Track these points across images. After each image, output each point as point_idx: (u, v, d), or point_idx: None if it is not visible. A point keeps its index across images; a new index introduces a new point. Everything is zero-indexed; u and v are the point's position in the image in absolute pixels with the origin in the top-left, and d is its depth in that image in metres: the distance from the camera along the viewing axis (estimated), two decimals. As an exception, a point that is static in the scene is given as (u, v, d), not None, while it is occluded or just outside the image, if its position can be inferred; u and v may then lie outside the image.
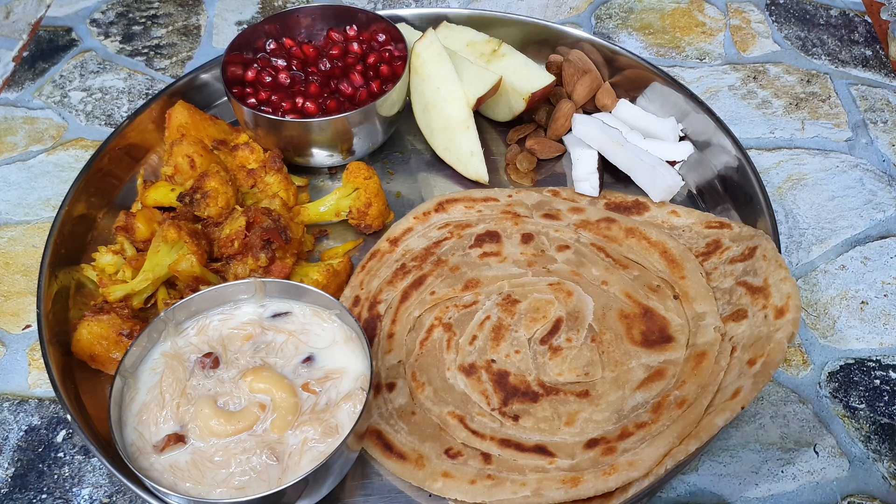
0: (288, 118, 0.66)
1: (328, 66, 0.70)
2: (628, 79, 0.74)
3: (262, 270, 0.58)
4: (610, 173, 0.68)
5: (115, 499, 0.53)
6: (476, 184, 0.69)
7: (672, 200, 0.65)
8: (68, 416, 0.52)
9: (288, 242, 0.60)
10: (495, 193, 0.67)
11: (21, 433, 0.56)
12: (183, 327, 0.54)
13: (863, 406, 0.56)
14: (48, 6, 0.92)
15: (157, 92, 0.76)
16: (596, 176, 0.66)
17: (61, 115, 0.80)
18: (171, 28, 0.88)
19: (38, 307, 0.58)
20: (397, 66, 0.70)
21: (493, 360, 0.55)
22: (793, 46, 0.83)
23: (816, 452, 0.53)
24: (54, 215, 0.63)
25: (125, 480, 0.48)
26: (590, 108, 0.73)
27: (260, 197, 0.65)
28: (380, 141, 0.71)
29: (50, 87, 0.82)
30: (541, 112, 0.72)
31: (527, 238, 0.62)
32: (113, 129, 0.72)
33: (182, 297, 0.54)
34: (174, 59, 0.85)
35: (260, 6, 0.91)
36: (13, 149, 0.76)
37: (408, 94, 0.71)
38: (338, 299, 0.54)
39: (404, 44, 0.70)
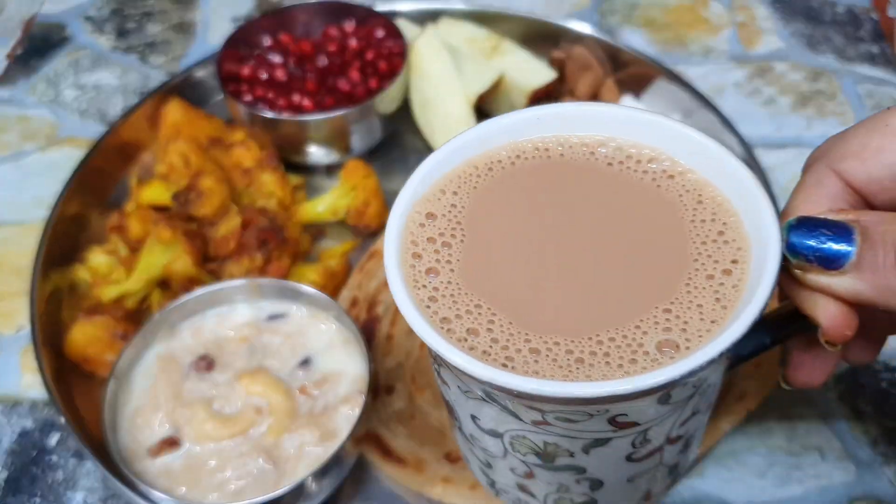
0: (284, 116, 0.65)
1: (325, 62, 0.69)
2: (632, 75, 0.73)
3: (258, 271, 0.57)
4: (612, 172, 0.67)
5: (108, 503, 0.52)
6: (476, 182, 0.68)
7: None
8: (62, 420, 0.51)
9: (284, 242, 0.59)
10: (496, 192, 0.66)
11: (14, 437, 0.56)
12: (177, 329, 0.53)
13: (870, 409, 0.55)
14: (42, 3, 0.91)
15: (151, 89, 0.75)
16: (598, 174, 0.65)
17: (55, 113, 0.79)
18: (165, 25, 0.87)
19: (31, 309, 0.57)
20: (396, 62, 0.69)
21: (493, 364, 0.54)
22: (799, 43, 0.82)
23: (823, 456, 0.53)
24: (47, 215, 0.62)
25: (119, 485, 0.47)
26: (592, 105, 0.72)
27: (256, 196, 0.64)
28: (378, 139, 0.70)
29: (43, 85, 0.81)
30: (542, 109, 0.71)
31: (528, 238, 0.61)
32: (107, 128, 0.71)
33: (177, 298, 0.54)
34: (169, 55, 0.84)
35: (255, 2, 0.90)
36: (6, 147, 0.76)
37: (407, 91, 0.70)
38: (335, 300, 0.53)
39: (403, 40, 0.69)
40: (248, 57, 0.70)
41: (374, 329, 0.57)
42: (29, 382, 0.59)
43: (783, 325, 0.34)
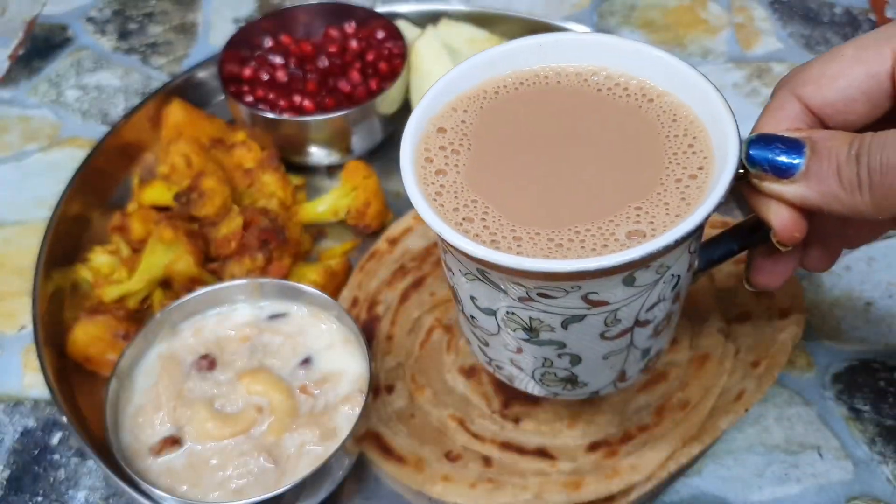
0: (285, 116, 0.65)
1: (326, 63, 0.69)
2: (630, 76, 0.73)
3: (259, 271, 0.58)
4: (611, 172, 0.68)
5: (111, 502, 0.52)
6: (476, 183, 0.68)
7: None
8: (64, 419, 0.51)
9: (285, 242, 0.59)
10: (495, 192, 0.67)
11: (16, 435, 0.56)
12: (179, 328, 0.53)
13: (867, 408, 0.55)
14: (44, 4, 0.91)
15: (153, 90, 0.75)
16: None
17: (57, 114, 0.79)
18: (167, 26, 0.88)
19: (33, 308, 0.57)
20: (396, 63, 0.69)
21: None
22: (797, 44, 0.83)
23: (821, 455, 0.53)
24: (49, 215, 0.63)
25: (121, 483, 0.47)
26: (591, 106, 0.73)
27: (257, 196, 0.65)
28: (379, 139, 0.70)
29: (45, 86, 0.82)
30: (542, 110, 0.71)
31: (527, 238, 0.62)
32: (109, 128, 0.71)
33: (178, 298, 0.54)
34: (170, 56, 0.84)
35: (257, 3, 0.90)
36: (8, 148, 0.76)
37: (407, 91, 0.70)
38: (336, 300, 0.54)
39: (403, 41, 0.70)
40: (249, 58, 0.70)
41: (374, 329, 0.58)
42: (31, 382, 0.59)
43: (748, 234, 0.39)
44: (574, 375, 0.41)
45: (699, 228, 0.33)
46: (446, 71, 0.70)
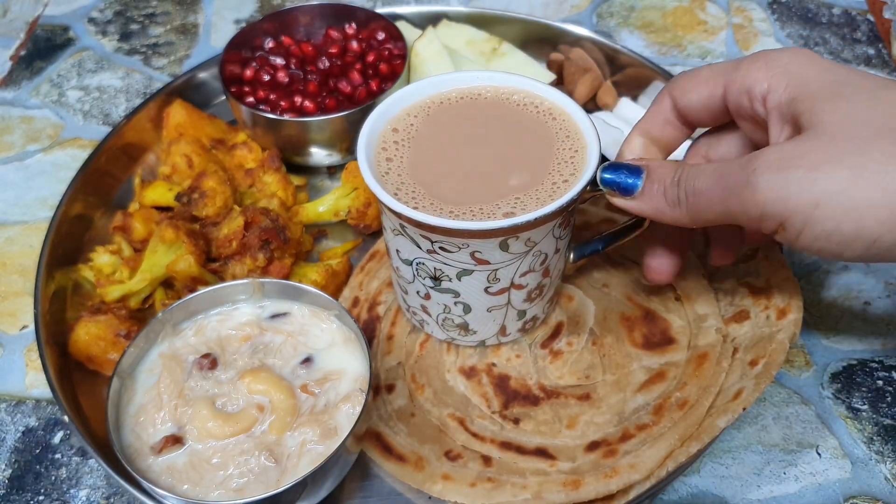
0: (286, 117, 0.66)
1: (327, 64, 0.69)
2: (630, 77, 0.74)
3: (260, 271, 0.58)
4: (611, 173, 0.68)
5: (112, 500, 0.52)
6: (476, 183, 0.69)
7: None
8: (66, 418, 0.52)
9: (286, 242, 0.59)
10: (495, 193, 0.68)
11: (18, 434, 0.56)
12: (181, 328, 0.53)
13: (865, 407, 0.55)
14: (45, 5, 0.91)
15: (154, 91, 0.76)
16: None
17: (58, 115, 0.79)
18: (168, 27, 0.88)
19: (35, 308, 0.57)
20: (396, 64, 0.69)
21: (493, 364, 0.55)
22: (795, 45, 0.83)
23: (819, 454, 0.53)
24: (51, 215, 0.63)
25: (122, 482, 0.47)
26: (591, 107, 0.73)
27: (258, 196, 0.65)
28: (379, 140, 0.70)
29: (47, 87, 0.82)
30: (541, 111, 0.72)
31: (527, 238, 0.63)
32: (110, 129, 0.71)
33: (180, 298, 0.54)
34: (172, 57, 0.85)
35: (258, 4, 0.91)
36: (10, 148, 0.76)
37: (407, 92, 0.71)
38: (337, 300, 0.54)
39: (404, 42, 0.70)
40: (250, 59, 0.71)
41: (374, 328, 0.58)
42: (33, 381, 0.59)
43: (611, 238, 0.53)
44: (466, 323, 0.52)
45: (546, 217, 0.44)
46: (446, 72, 0.71)
